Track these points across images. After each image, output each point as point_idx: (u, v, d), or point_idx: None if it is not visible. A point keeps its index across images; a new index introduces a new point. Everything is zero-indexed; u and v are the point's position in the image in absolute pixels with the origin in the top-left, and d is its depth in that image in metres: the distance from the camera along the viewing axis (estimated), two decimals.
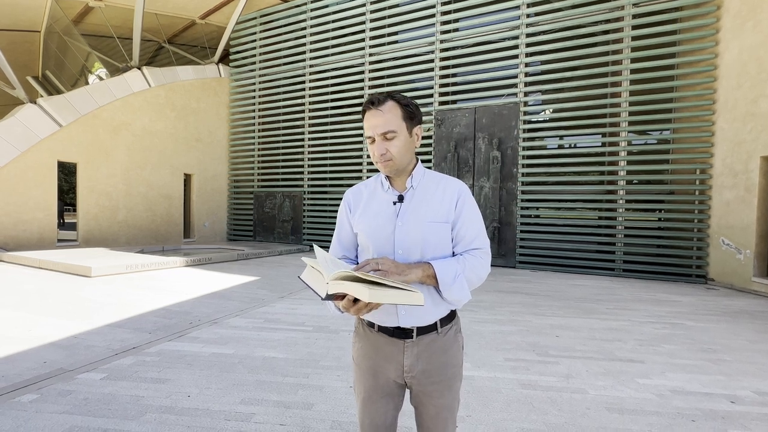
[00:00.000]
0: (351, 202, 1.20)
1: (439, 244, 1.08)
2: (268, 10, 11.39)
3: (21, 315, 3.87)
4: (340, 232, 1.22)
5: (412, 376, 1.09)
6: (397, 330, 1.08)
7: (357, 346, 1.18)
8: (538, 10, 8.01)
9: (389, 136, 1.07)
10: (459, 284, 1.03)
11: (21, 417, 2.02)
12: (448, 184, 1.14)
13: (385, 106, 1.07)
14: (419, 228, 1.07)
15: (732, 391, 2.52)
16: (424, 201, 1.10)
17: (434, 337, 1.09)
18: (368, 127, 1.09)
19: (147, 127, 10.49)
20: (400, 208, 1.10)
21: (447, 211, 1.09)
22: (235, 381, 2.52)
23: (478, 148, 8.57)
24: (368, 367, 1.13)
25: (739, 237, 6.19)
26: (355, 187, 1.23)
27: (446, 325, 1.12)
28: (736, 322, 4.21)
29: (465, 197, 1.12)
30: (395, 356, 1.09)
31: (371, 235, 1.10)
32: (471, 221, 1.11)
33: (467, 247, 1.10)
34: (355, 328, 1.21)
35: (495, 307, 4.69)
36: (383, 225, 1.09)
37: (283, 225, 11.41)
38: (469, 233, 1.10)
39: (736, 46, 6.35)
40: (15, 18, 11.17)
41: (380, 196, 1.15)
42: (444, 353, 1.10)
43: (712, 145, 6.71)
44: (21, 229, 8.30)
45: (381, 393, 1.12)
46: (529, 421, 2.10)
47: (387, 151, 1.07)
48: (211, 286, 5.51)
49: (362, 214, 1.15)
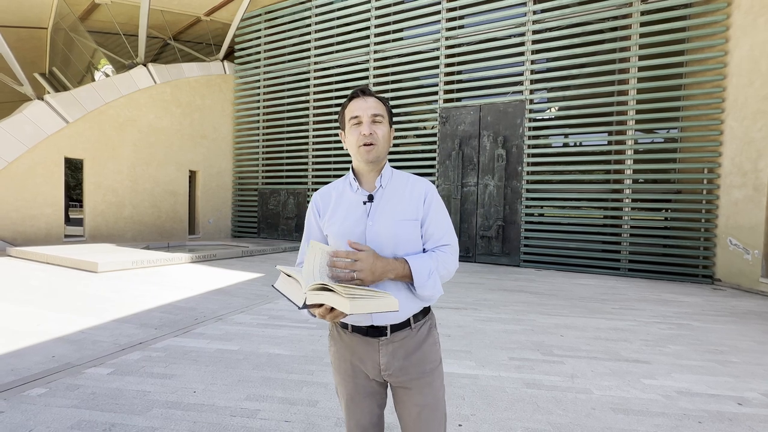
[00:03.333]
0: (319, 204, 1.20)
1: (410, 241, 1.09)
2: (272, 7, 11.38)
3: (29, 310, 3.92)
4: (309, 236, 1.22)
5: (389, 374, 1.09)
6: (371, 329, 1.08)
7: (333, 350, 1.18)
8: (544, 6, 7.93)
9: (378, 119, 1.09)
10: (433, 280, 1.05)
11: (30, 410, 2.04)
12: (416, 183, 1.15)
13: (372, 97, 1.12)
14: (390, 226, 1.08)
15: (739, 392, 2.49)
16: (394, 200, 1.11)
17: (408, 333, 1.10)
18: (356, 108, 1.10)
19: (152, 123, 10.55)
20: (370, 207, 1.11)
21: (416, 209, 1.11)
22: (240, 377, 2.53)
23: (483, 146, 8.53)
24: (346, 369, 1.14)
25: (747, 237, 6.12)
26: (323, 189, 1.23)
27: (420, 320, 1.12)
28: (743, 323, 4.16)
29: (432, 196, 1.14)
30: (371, 355, 1.10)
31: (342, 236, 1.09)
32: (439, 219, 1.13)
33: (436, 244, 1.13)
34: (329, 332, 1.21)
35: (499, 305, 4.68)
36: (353, 226, 1.10)
37: (287, 222, 11.44)
38: (438, 231, 1.12)
39: (747, 42, 6.25)
40: (23, 15, 11.24)
41: (349, 197, 1.15)
42: (418, 349, 1.10)
43: (721, 143, 6.63)
44: (29, 225, 8.39)
45: (363, 394, 1.13)
46: (533, 420, 2.09)
47: (374, 132, 1.08)
48: (216, 283, 5.55)
49: (331, 216, 1.14)
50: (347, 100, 1.15)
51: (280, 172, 11.61)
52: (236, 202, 12.61)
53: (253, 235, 12.18)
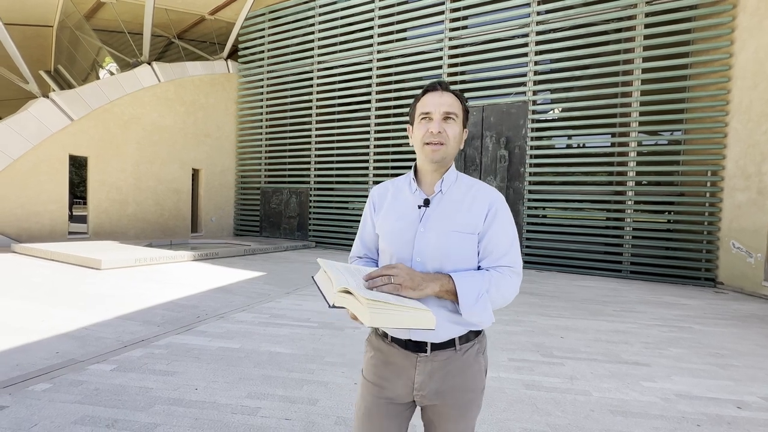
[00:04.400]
0: (376, 200, 1.13)
1: (461, 256, 0.98)
2: (276, 6, 11.40)
3: (34, 306, 3.96)
4: (363, 231, 1.16)
5: (422, 395, 0.99)
6: (410, 342, 0.99)
7: (368, 356, 1.08)
8: (548, 7, 7.91)
9: (451, 117, 1.00)
10: (482, 305, 0.91)
11: (35, 405, 2.07)
12: (480, 191, 1.03)
13: (450, 93, 1.03)
14: (441, 237, 0.98)
15: (739, 396, 2.49)
16: (451, 208, 1.01)
17: (451, 355, 0.98)
18: (429, 103, 1.00)
19: (156, 121, 10.60)
20: (424, 212, 1.02)
21: (475, 222, 0.99)
22: (241, 375, 2.55)
23: (485, 147, 8.52)
24: (375, 380, 1.03)
25: (750, 240, 6.10)
26: (382, 184, 1.15)
27: (467, 342, 1.00)
28: (745, 327, 4.15)
29: (498, 208, 1.01)
30: (406, 370, 0.99)
31: (390, 239, 1.03)
32: (502, 235, 1.00)
33: (495, 264, 0.99)
34: (368, 336, 1.12)
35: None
36: (404, 229, 1.01)
37: (289, 221, 11.47)
38: (499, 248, 0.99)
39: (752, 44, 6.22)
40: (28, 13, 11.33)
41: (405, 198, 1.07)
42: (461, 374, 0.99)
43: (725, 146, 6.60)
44: (33, 221, 8.46)
45: (384, 413, 1.01)
46: (532, 422, 2.10)
47: (444, 131, 0.99)
48: (218, 281, 5.58)
49: (385, 215, 1.08)
50: (422, 92, 1.04)
51: (283, 171, 11.65)
52: (239, 201, 12.66)
53: (256, 233, 12.22)
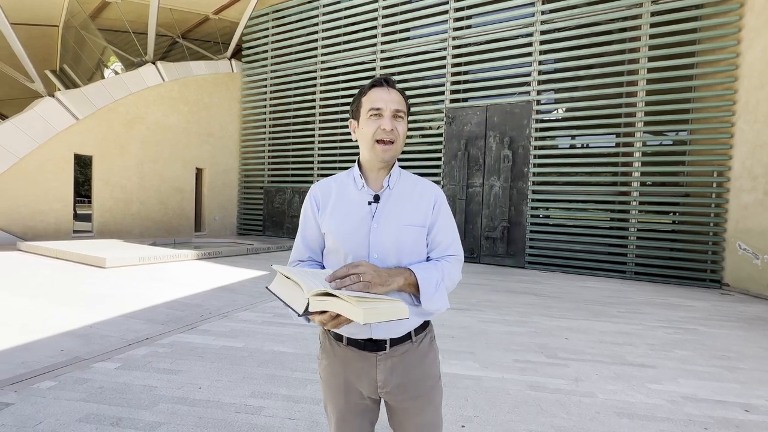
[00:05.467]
0: (319, 198, 1.09)
1: (414, 248, 1.02)
2: (280, 6, 11.42)
3: (39, 304, 3.98)
4: (305, 232, 1.11)
5: (387, 392, 1.01)
6: (369, 342, 0.99)
7: (324, 364, 1.08)
8: (552, 6, 7.87)
9: (399, 115, 1.01)
10: (440, 293, 0.97)
11: (40, 403, 2.08)
12: (425, 187, 1.08)
13: (396, 90, 1.02)
14: (396, 231, 1.00)
15: (746, 399, 2.47)
16: (401, 203, 1.03)
17: (408, 347, 1.01)
18: (379, 99, 0.99)
19: (160, 121, 10.64)
20: (375, 208, 1.02)
21: (424, 215, 1.03)
22: (245, 374, 2.55)
23: (489, 147, 8.50)
24: (338, 385, 1.04)
25: (757, 241, 6.04)
26: (323, 181, 1.12)
27: (421, 333, 1.04)
28: (751, 329, 4.11)
29: (441, 202, 1.07)
30: (367, 371, 1.00)
31: (343, 238, 1.01)
32: (447, 227, 1.06)
33: (442, 254, 1.06)
34: (321, 343, 1.11)
35: (503, 307, 4.67)
36: (357, 227, 1.01)
37: (292, 220, 11.49)
38: (446, 239, 1.06)
39: (759, 44, 6.16)
40: (34, 13, 11.40)
41: (351, 195, 1.06)
42: (420, 364, 1.03)
43: (731, 146, 6.54)
44: (39, 220, 8.51)
45: (355, 412, 1.04)
46: (537, 423, 2.09)
47: (395, 129, 0.99)
48: (222, 280, 5.59)
49: (332, 213, 1.04)
50: (367, 86, 1.03)
51: (286, 171, 11.67)
52: (242, 200, 12.69)
53: (259, 233, 12.25)
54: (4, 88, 13.43)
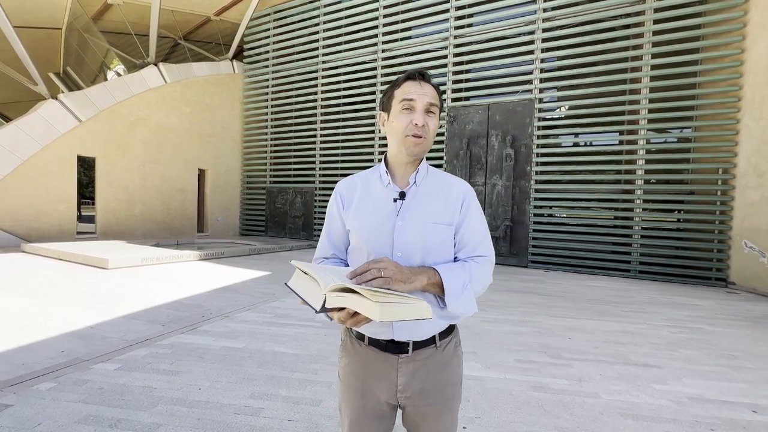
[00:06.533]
0: (344, 195, 1.07)
1: (441, 247, 0.98)
2: (281, 7, 11.43)
3: (41, 304, 3.99)
4: (330, 228, 1.09)
5: (406, 397, 0.98)
6: (391, 344, 0.97)
7: (344, 362, 1.05)
8: (555, 4, 7.82)
9: (432, 110, 0.98)
10: (467, 295, 0.92)
11: (39, 404, 2.07)
12: (454, 184, 1.04)
13: (430, 85, 1.00)
14: (421, 229, 0.97)
15: (754, 399, 2.42)
16: (427, 200, 1.00)
17: (432, 352, 0.98)
18: (412, 91, 0.96)
19: (162, 122, 10.68)
20: (401, 206, 0.99)
21: (452, 213, 1.00)
22: (245, 375, 2.54)
23: (491, 146, 8.45)
24: (356, 386, 1.01)
25: (764, 239, 5.96)
26: (349, 178, 1.11)
27: (445, 337, 1.01)
28: (758, 328, 4.05)
29: (471, 200, 1.03)
30: (387, 374, 0.98)
31: (367, 235, 0.99)
32: (476, 227, 1.02)
33: (471, 254, 1.01)
34: (342, 341, 1.08)
35: (506, 306, 4.63)
36: (381, 224, 0.98)
37: (294, 221, 11.49)
38: (475, 239, 1.01)
39: (765, 40, 6.08)
40: (38, 15, 11.48)
41: (377, 192, 1.03)
42: (443, 370, 0.99)
43: (736, 143, 6.46)
44: (42, 221, 8.56)
45: (371, 416, 1.01)
46: (540, 424, 2.06)
47: (427, 124, 0.97)
48: (223, 280, 5.59)
49: (356, 210, 1.03)
50: (402, 78, 1.00)
51: (288, 171, 11.67)
52: (244, 201, 12.71)
53: (261, 233, 12.27)
54: (8, 90, 13.54)
